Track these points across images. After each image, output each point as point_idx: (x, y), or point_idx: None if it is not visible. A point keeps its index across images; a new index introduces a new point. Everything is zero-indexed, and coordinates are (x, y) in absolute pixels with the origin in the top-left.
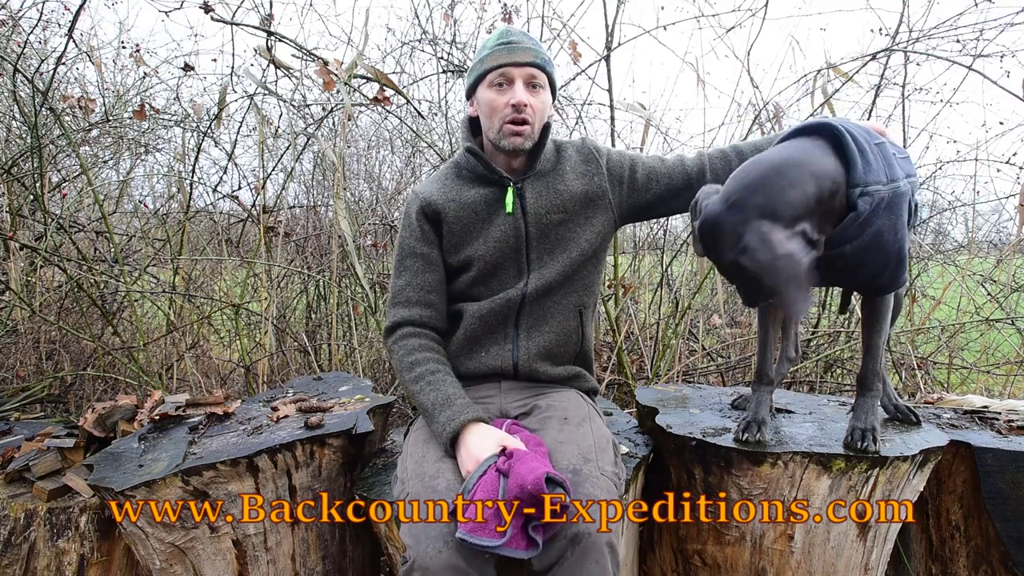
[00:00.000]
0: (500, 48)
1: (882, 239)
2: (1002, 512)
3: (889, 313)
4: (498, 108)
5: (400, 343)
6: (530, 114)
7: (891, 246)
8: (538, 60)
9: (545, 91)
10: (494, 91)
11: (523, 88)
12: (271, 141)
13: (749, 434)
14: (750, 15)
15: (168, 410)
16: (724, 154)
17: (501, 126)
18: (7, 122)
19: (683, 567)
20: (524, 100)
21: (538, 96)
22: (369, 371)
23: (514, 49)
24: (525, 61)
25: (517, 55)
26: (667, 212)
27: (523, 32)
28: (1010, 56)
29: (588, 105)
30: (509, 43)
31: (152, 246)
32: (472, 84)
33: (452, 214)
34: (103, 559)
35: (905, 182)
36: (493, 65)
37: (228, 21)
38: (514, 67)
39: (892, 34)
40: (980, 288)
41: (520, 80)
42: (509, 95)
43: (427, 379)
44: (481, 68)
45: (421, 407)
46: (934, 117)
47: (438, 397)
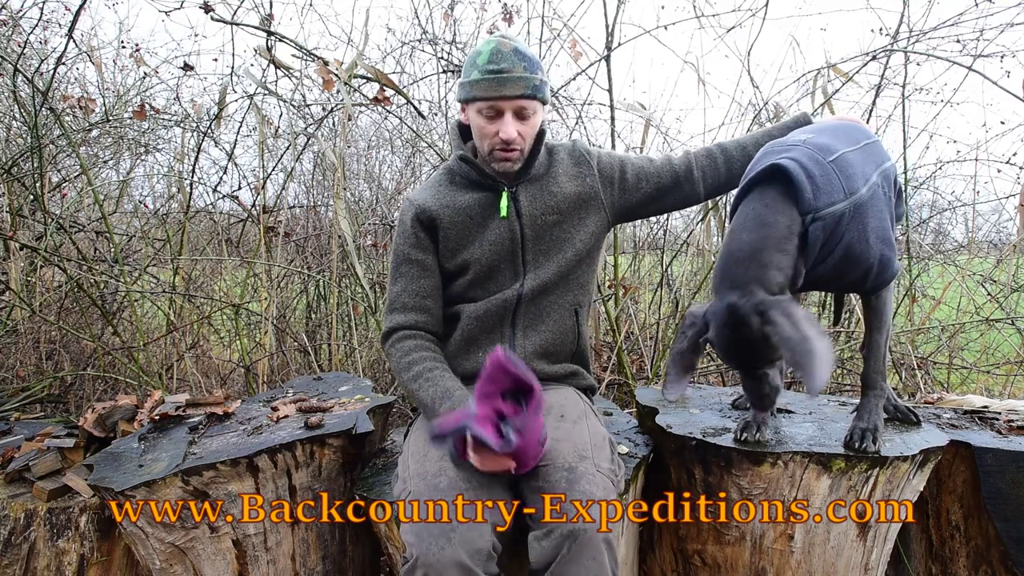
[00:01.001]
0: (491, 78)
1: (853, 251)
2: (1002, 512)
3: (889, 310)
4: (487, 135)
5: (397, 346)
6: (519, 143)
7: (864, 254)
8: (528, 90)
9: (536, 115)
10: (483, 119)
11: (512, 120)
12: (271, 141)
13: (749, 434)
14: (750, 15)
15: (168, 410)
16: (710, 152)
17: (491, 151)
18: (7, 122)
19: (683, 567)
20: (512, 135)
21: (528, 123)
22: (369, 371)
23: (504, 81)
24: (515, 95)
25: (507, 88)
26: (657, 211)
27: (515, 50)
28: (1010, 56)
29: (588, 105)
30: (500, 72)
31: (152, 246)
32: (463, 100)
33: (447, 219)
34: (103, 559)
35: (866, 189)
36: (482, 96)
37: (228, 21)
38: (504, 100)
39: (892, 34)
40: (980, 288)
41: (509, 112)
42: (498, 126)
43: (425, 376)
44: (471, 93)
45: (421, 403)
46: (934, 117)
47: (437, 391)
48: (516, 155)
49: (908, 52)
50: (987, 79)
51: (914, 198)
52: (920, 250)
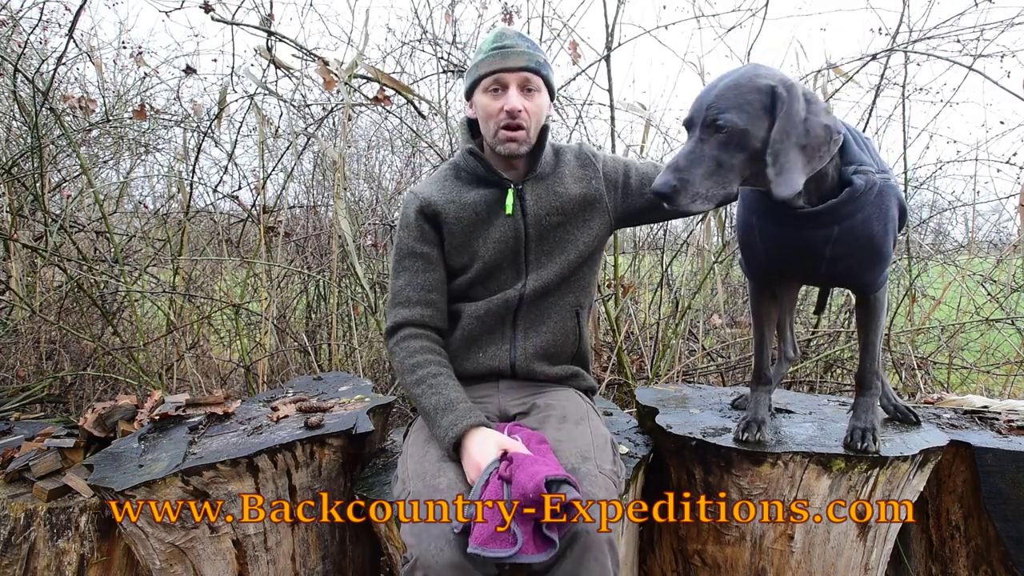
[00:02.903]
0: (494, 53)
1: (871, 228)
2: (1002, 512)
3: (883, 311)
4: (493, 113)
5: (402, 344)
6: (525, 119)
7: (879, 236)
8: (532, 64)
9: (541, 94)
10: (489, 96)
11: (517, 93)
12: (271, 141)
13: (749, 434)
14: (750, 15)
15: (168, 410)
16: None
17: (496, 131)
18: (7, 122)
19: (683, 567)
20: (517, 106)
21: (533, 100)
22: (369, 371)
23: (508, 54)
24: (519, 66)
25: (511, 60)
26: (657, 219)
27: (518, 34)
28: (1010, 56)
29: (588, 105)
30: (503, 47)
31: (152, 246)
32: (469, 87)
33: (452, 215)
34: (103, 559)
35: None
36: (487, 71)
37: (228, 21)
38: (508, 72)
39: (892, 34)
40: (980, 288)
41: (514, 85)
42: (503, 100)
43: (428, 382)
44: (476, 73)
45: (423, 410)
46: (934, 117)
47: (440, 401)
48: (522, 135)
49: (908, 52)
50: (987, 79)
51: (914, 198)
52: (920, 250)
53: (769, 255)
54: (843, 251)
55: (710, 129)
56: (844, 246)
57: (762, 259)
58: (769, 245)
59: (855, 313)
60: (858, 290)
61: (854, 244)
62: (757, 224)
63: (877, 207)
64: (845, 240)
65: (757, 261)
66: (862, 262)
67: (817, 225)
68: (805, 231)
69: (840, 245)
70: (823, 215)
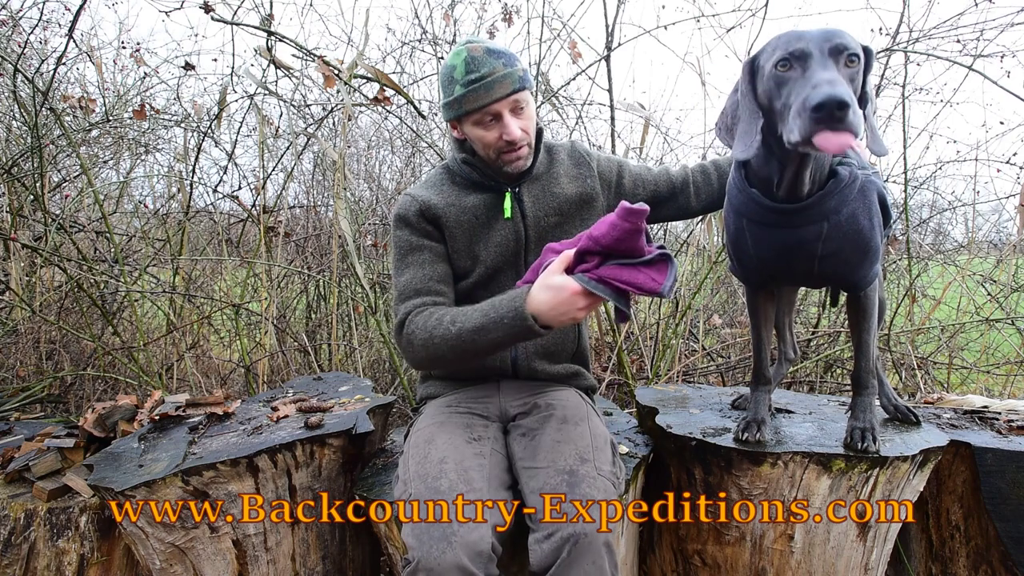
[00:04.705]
0: (476, 87)
1: (858, 222)
2: (1002, 512)
3: (875, 310)
4: (491, 143)
5: (414, 321)
6: (524, 138)
7: (867, 231)
8: (517, 85)
9: (529, 105)
10: (482, 129)
11: (511, 119)
12: (271, 141)
13: (749, 434)
14: (750, 15)
15: (168, 410)
16: (704, 169)
17: (498, 156)
18: (7, 122)
19: (683, 567)
20: (517, 134)
21: (525, 116)
22: (369, 371)
23: (491, 85)
24: (506, 94)
25: (496, 90)
26: (652, 220)
27: (488, 50)
28: (1010, 56)
29: (588, 105)
30: (483, 78)
31: (152, 246)
32: (454, 118)
33: (453, 219)
34: (103, 559)
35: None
36: (473, 108)
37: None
38: (496, 103)
39: (892, 34)
40: (980, 288)
41: (506, 112)
42: (499, 129)
43: (459, 313)
44: (461, 109)
45: (475, 330)
46: (934, 117)
47: (482, 307)
48: (525, 151)
49: (908, 52)
50: (987, 79)
51: (914, 198)
52: (920, 250)
53: (762, 258)
54: (834, 248)
55: (841, 57)
56: (835, 242)
57: (755, 263)
58: (762, 248)
59: (847, 313)
60: (849, 288)
61: (844, 240)
62: (748, 228)
63: (861, 201)
64: (835, 236)
65: (750, 266)
66: (853, 258)
67: (807, 221)
68: (797, 229)
69: (831, 242)
70: (811, 208)
